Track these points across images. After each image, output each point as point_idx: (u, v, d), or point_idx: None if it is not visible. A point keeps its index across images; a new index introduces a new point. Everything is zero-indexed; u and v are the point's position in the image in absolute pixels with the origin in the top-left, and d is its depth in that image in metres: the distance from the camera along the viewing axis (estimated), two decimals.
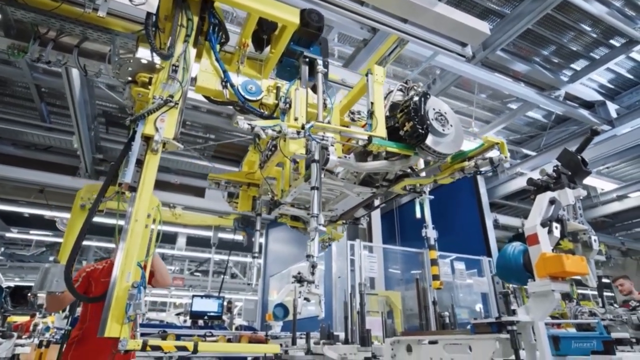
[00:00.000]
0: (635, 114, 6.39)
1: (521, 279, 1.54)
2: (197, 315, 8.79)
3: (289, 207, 3.08)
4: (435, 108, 2.28)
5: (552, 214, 1.57)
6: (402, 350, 2.05)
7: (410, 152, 2.32)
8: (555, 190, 1.68)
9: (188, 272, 20.22)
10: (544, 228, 1.53)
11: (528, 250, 1.54)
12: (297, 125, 2.21)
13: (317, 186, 2.12)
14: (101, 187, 2.46)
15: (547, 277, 1.42)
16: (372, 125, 2.32)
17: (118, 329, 1.97)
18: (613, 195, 10.15)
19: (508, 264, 1.61)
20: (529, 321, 1.45)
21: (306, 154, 2.28)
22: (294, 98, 2.48)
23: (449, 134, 2.25)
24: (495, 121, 7.69)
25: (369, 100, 2.39)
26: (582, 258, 1.42)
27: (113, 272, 2.13)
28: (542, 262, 1.44)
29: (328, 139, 2.20)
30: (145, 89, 2.50)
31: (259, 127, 2.15)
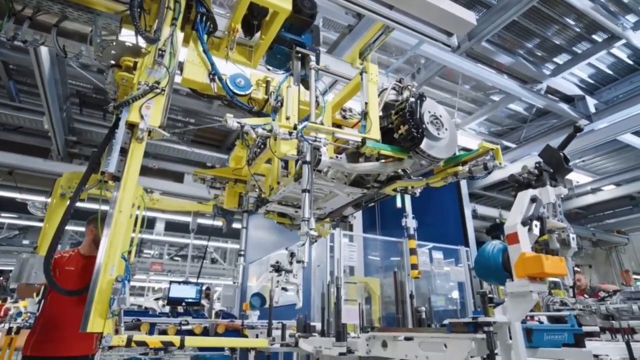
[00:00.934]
0: (613, 109, 6.50)
1: (499, 279, 1.52)
2: (175, 302, 8.69)
3: (276, 204, 3.02)
4: (431, 111, 2.24)
5: (533, 213, 1.54)
6: (377, 345, 2.03)
7: (404, 156, 2.29)
8: (537, 188, 1.65)
9: (167, 257, 19.99)
10: (525, 227, 1.50)
11: (507, 249, 1.52)
12: (289, 126, 2.14)
13: (308, 189, 2.06)
14: (83, 175, 2.38)
15: (526, 278, 1.39)
16: (365, 126, 2.26)
17: (101, 324, 1.91)
18: (588, 188, 10.42)
19: (487, 263, 1.58)
20: (505, 322, 1.43)
21: (297, 155, 2.21)
22: (286, 96, 2.39)
23: (443, 138, 2.21)
24: (478, 112, 7.72)
25: (363, 101, 2.33)
26: (561, 259, 1.39)
27: (96, 263, 2.06)
28: (521, 262, 1.42)
29: (320, 140, 2.13)
30: (130, 74, 2.40)
31: (249, 125, 2.08)
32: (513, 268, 1.45)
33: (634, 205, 11.87)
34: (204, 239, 15.75)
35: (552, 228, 1.78)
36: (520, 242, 1.45)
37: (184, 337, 2.19)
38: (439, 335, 1.63)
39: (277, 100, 2.50)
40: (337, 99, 2.78)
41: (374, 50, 4.94)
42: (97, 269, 2.02)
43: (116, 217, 2.12)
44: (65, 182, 2.93)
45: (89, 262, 3.33)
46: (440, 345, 1.66)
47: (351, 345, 2.27)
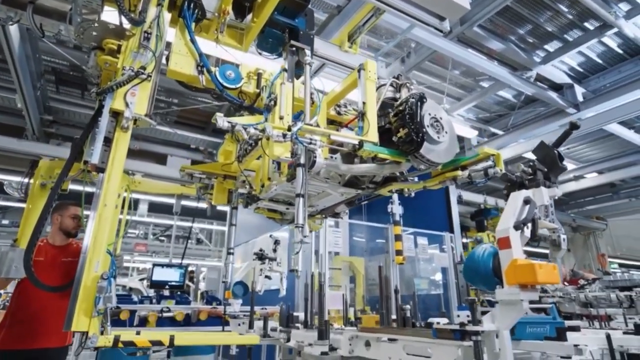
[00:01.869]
0: (600, 98, 6.50)
1: (489, 285, 1.46)
2: (158, 285, 8.59)
3: (267, 201, 2.91)
4: (431, 113, 2.14)
5: (527, 216, 1.47)
6: (360, 345, 1.98)
7: (402, 159, 2.21)
8: (530, 188, 1.58)
9: (153, 237, 19.73)
10: (517, 231, 1.44)
11: (498, 254, 1.45)
12: (284, 127, 2.02)
13: (302, 194, 1.97)
14: (64, 165, 2.25)
15: (517, 285, 1.33)
16: (363, 128, 2.16)
17: (86, 323, 1.81)
18: (570, 176, 10.55)
19: (476, 267, 1.51)
20: (493, 330, 1.38)
21: (291, 157, 2.11)
22: (279, 94, 2.24)
23: (443, 142, 2.13)
24: (467, 98, 7.64)
25: (361, 100, 2.21)
26: (554, 266, 1.33)
27: (80, 259, 1.93)
28: (512, 269, 1.35)
29: (316, 142, 2.03)
30: (113, 58, 2.24)
31: (240, 125, 1.98)
32: (504, 274, 1.39)
33: (613, 192, 12.12)
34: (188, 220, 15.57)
35: (543, 228, 1.72)
36: (513, 248, 1.39)
37: (173, 336, 2.07)
38: (424, 340, 1.58)
39: (270, 98, 2.35)
40: (332, 96, 2.66)
41: (363, 33, 4.79)
42: (81, 265, 1.90)
43: (100, 212, 2.00)
44: (45, 171, 2.78)
45: (59, 252, 3.22)
46: (425, 349, 1.61)
47: (334, 342, 2.21)
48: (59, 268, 3.13)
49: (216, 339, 2.40)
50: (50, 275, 3.02)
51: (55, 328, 3.03)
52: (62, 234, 3.26)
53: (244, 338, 2.46)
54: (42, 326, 3.01)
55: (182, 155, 8.94)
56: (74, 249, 3.31)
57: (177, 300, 8.47)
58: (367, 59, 2.34)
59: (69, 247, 3.31)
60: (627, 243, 16.01)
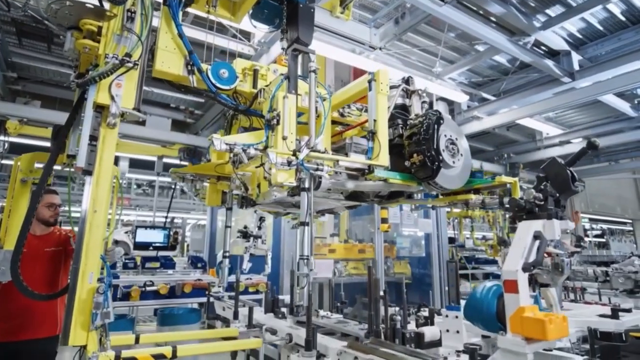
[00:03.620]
0: (597, 68, 6.30)
1: (491, 328, 1.37)
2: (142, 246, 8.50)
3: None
4: (447, 134, 1.94)
5: (537, 258, 1.35)
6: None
7: (413, 184, 2.05)
8: (541, 219, 1.45)
9: (137, 188, 19.36)
10: (525, 273, 1.32)
11: (503, 296, 1.34)
12: (288, 153, 1.82)
13: (307, 222, 1.82)
14: (47, 161, 2.09)
15: (522, 336, 1.23)
16: (372, 149, 1.95)
17: (84, 336, 1.76)
18: (556, 140, 10.56)
19: (479, 307, 1.41)
20: None
21: (295, 182, 1.93)
22: (282, 109, 1.98)
23: (457, 167, 1.94)
24: (460, 62, 7.33)
25: (371, 118, 1.97)
26: (564, 318, 1.23)
27: (72, 268, 1.84)
28: (519, 319, 1.25)
29: (323, 167, 1.85)
30: (94, 42, 1.98)
31: (240, 147, 1.82)
32: (508, 321, 1.29)
33: (594, 156, 12.26)
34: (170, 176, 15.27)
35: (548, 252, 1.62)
36: (520, 293, 1.28)
37: (176, 347, 2.07)
38: None
39: (273, 115, 2.07)
40: (335, 101, 2.40)
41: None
42: (74, 276, 1.81)
43: (90, 219, 1.86)
44: (25, 166, 2.55)
45: (41, 242, 3.06)
46: None
47: (321, 348, 2.15)
48: (42, 259, 3.01)
49: (220, 347, 2.36)
50: (34, 267, 2.92)
51: (43, 319, 2.95)
52: (42, 224, 3.08)
53: (244, 343, 2.43)
54: (30, 318, 2.91)
55: (162, 114, 8.51)
56: (56, 237, 3.16)
57: (162, 262, 8.44)
58: (379, 69, 2.07)
59: (51, 235, 3.15)
60: (599, 200, 16.59)
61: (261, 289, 5.60)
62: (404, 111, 2.22)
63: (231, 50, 5.12)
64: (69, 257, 3.13)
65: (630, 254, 5.43)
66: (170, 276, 5.79)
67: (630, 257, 4.92)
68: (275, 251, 6.03)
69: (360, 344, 1.92)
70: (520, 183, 8.85)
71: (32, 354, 2.93)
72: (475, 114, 8.27)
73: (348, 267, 7.14)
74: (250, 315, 3.08)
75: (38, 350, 2.94)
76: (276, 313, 3.38)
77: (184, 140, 8.31)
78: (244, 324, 3.11)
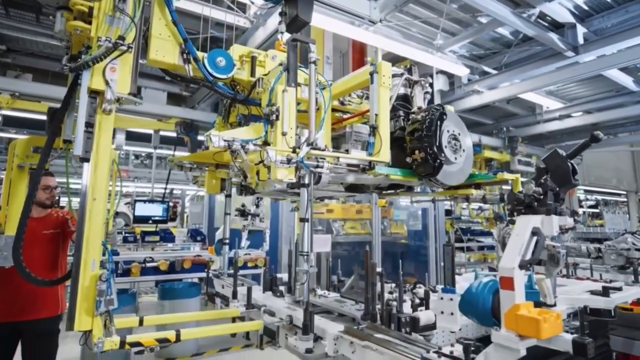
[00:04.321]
0: (602, 42, 6.15)
1: (485, 322, 1.39)
2: (141, 220, 8.57)
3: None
4: (450, 130, 1.89)
5: (535, 256, 1.35)
6: (345, 345, 1.96)
7: (414, 179, 2.04)
8: (540, 214, 1.44)
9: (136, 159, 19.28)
10: (522, 270, 1.33)
11: (498, 292, 1.35)
12: (288, 150, 1.81)
13: (307, 218, 1.82)
14: (44, 146, 2.10)
15: (516, 333, 1.26)
16: (374, 144, 1.90)
17: (89, 322, 1.82)
18: (556, 114, 10.46)
19: (474, 302, 1.43)
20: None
21: (295, 178, 1.92)
22: (282, 104, 1.94)
23: (458, 162, 1.90)
24: (462, 34, 7.13)
25: (372, 112, 1.91)
26: (558, 315, 1.25)
27: (74, 255, 1.87)
28: (513, 317, 1.27)
29: (323, 165, 1.84)
30: (85, 24, 1.93)
31: (239, 143, 1.80)
32: (502, 316, 1.31)
33: (594, 130, 12.18)
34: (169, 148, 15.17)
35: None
36: (516, 291, 1.29)
37: (179, 331, 2.12)
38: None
39: (272, 110, 2.02)
40: (335, 91, 2.34)
41: None
42: (77, 264, 1.84)
43: (90, 207, 1.87)
44: (21, 151, 2.54)
45: (39, 224, 3.07)
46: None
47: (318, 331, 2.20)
48: (41, 241, 3.04)
49: (222, 329, 2.43)
50: (33, 250, 2.94)
51: (44, 300, 3.00)
52: (38, 206, 3.08)
53: (246, 325, 2.49)
54: (32, 300, 2.97)
55: (158, 87, 8.32)
56: (54, 219, 3.17)
57: (162, 236, 8.52)
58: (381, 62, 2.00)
59: (49, 217, 3.16)
60: (596, 172, 16.67)
61: (260, 264, 5.69)
62: (406, 102, 2.17)
63: (227, 22, 4.97)
64: (67, 239, 3.15)
65: (623, 231, 5.50)
66: (170, 253, 5.85)
67: (624, 235, 4.98)
68: (274, 226, 6.08)
69: (356, 329, 1.96)
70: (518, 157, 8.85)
71: (35, 332, 3.01)
72: (476, 87, 8.14)
73: (346, 227, 7.28)
74: (249, 294, 3.14)
75: (40, 329, 3.02)
76: (274, 291, 3.44)
77: (181, 114, 8.19)
78: (242, 302, 3.18)
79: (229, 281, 3.80)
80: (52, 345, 3.07)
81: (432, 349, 1.45)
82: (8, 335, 2.94)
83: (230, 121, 2.62)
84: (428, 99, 2.24)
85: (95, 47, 1.90)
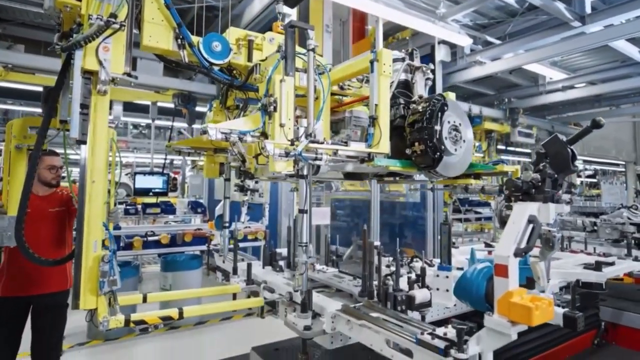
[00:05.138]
0: (610, 11, 5.96)
1: (478, 307, 1.43)
2: (142, 192, 8.61)
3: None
4: (451, 120, 1.86)
5: (530, 244, 1.37)
6: (342, 323, 2.03)
7: (413, 170, 2.04)
8: (537, 201, 1.45)
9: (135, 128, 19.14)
10: (517, 258, 1.35)
11: (492, 278, 1.39)
12: (286, 144, 1.79)
13: (306, 209, 1.82)
14: (40, 127, 2.10)
15: (507, 319, 1.30)
16: (373, 135, 1.88)
17: (93, 300, 1.88)
18: (559, 85, 10.30)
19: (468, 288, 1.47)
20: (477, 352, 1.39)
21: (293, 170, 1.92)
22: (280, 95, 1.89)
23: (458, 154, 1.88)
24: (466, 2, 6.89)
25: (372, 102, 1.87)
26: (550, 302, 1.28)
27: (77, 238, 1.92)
28: (506, 303, 1.31)
29: (322, 157, 1.82)
30: (75, 0, 1.89)
31: (236, 135, 1.79)
32: (495, 302, 1.34)
33: (595, 101, 12.04)
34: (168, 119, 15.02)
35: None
36: (509, 278, 1.32)
37: (182, 309, 2.19)
38: (407, 340, 1.59)
39: (270, 101, 1.96)
40: (334, 77, 2.28)
41: None
42: (79, 245, 1.89)
43: (89, 190, 1.89)
44: (18, 132, 2.53)
45: (45, 202, 3.12)
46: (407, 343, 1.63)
47: (316, 308, 2.26)
48: (47, 219, 3.09)
49: (223, 307, 2.51)
50: (40, 228, 3.01)
51: (52, 276, 3.07)
52: (44, 185, 3.12)
53: (246, 302, 2.56)
54: (40, 275, 3.04)
55: (153, 58, 8.10)
56: (59, 197, 3.21)
57: (163, 208, 8.58)
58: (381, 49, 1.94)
59: (54, 195, 3.20)
60: (595, 143, 16.58)
61: (260, 237, 5.77)
62: (407, 89, 2.13)
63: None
64: (72, 216, 3.19)
65: (620, 205, 5.54)
66: (171, 226, 5.92)
67: (620, 209, 5.03)
68: (274, 200, 6.12)
69: (353, 308, 2.02)
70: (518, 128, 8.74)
71: (45, 306, 3.11)
72: (478, 58, 7.96)
73: (345, 183, 7.35)
74: (249, 270, 3.20)
75: (50, 302, 3.12)
76: (274, 266, 3.51)
77: (178, 86, 8.04)
78: (243, 278, 3.25)
79: (230, 256, 3.87)
80: (61, 318, 3.18)
81: (427, 330, 1.50)
82: (19, 309, 3.04)
83: (228, 104, 2.58)
84: (429, 85, 2.20)
85: (87, 25, 1.85)
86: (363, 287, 2.37)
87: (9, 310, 2.99)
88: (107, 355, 4.65)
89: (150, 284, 7.83)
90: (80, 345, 4.85)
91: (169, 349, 4.78)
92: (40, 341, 3.08)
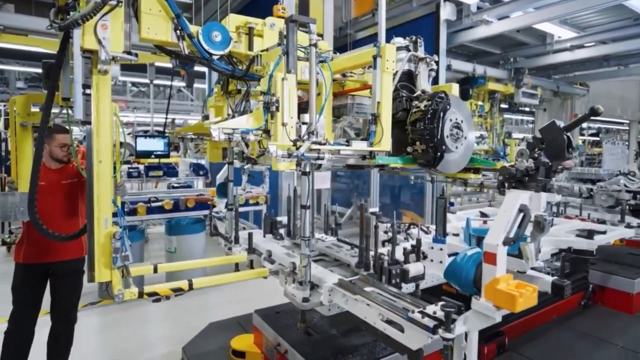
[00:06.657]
0: None
1: (466, 290, 1.50)
2: (143, 155, 8.66)
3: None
4: (453, 118, 1.82)
5: (518, 234, 1.42)
6: (338, 297, 2.13)
7: (414, 166, 2.06)
8: (529, 190, 1.49)
9: (133, 85, 18.85)
10: (505, 247, 1.41)
11: (481, 264, 1.45)
12: (288, 144, 1.79)
13: (308, 205, 1.85)
14: (44, 105, 2.12)
15: (493, 303, 1.38)
16: (375, 133, 1.87)
17: (108, 274, 1.98)
18: (567, 45, 9.97)
19: (458, 272, 1.54)
20: (464, 331, 1.48)
21: (296, 169, 1.94)
22: (281, 94, 1.86)
23: (458, 151, 1.87)
24: None
25: (374, 99, 1.84)
26: (534, 288, 1.36)
27: (87, 216, 1.99)
28: (492, 290, 1.38)
29: (324, 156, 1.82)
30: None
31: (239, 134, 1.81)
32: (483, 287, 1.42)
33: (603, 61, 11.70)
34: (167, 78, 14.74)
35: None
36: (497, 266, 1.39)
37: (192, 281, 2.32)
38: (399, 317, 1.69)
39: (272, 100, 1.92)
40: (334, 68, 2.22)
41: None
42: (90, 224, 1.97)
43: (97, 170, 1.94)
44: (21, 109, 2.57)
45: (58, 175, 3.23)
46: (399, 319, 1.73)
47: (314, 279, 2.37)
48: (61, 191, 3.22)
49: (229, 278, 2.64)
50: (54, 199, 3.16)
51: (71, 243, 3.21)
52: (54, 160, 3.21)
53: (251, 273, 2.67)
54: (56, 243, 3.15)
55: None
56: (71, 169, 3.30)
57: (165, 171, 8.66)
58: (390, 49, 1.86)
59: (66, 168, 3.30)
60: (601, 102, 16.23)
61: (261, 202, 5.87)
62: (410, 81, 2.08)
63: None
64: (84, 187, 3.28)
65: (617, 172, 5.57)
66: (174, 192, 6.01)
67: (617, 176, 5.06)
68: None
69: (349, 283, 2.12)
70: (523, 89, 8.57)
71: (63, 271, 3.31)
72: (485, 17, 7.66)
73: None
74: (250, 240, 3.31)
75: (68, 269, 3.32)
76: (275, 234, 3.62)
77: None
78: (244, 246, 3.36)
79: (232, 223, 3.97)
80: (78, 283, 3.39)
81: (417, 309, 1.59)
82: (40, 275, 3.24)
83: (230, 89, 2.55)
84: (432, 77, 2.15)
85: (84, 2, 1.80)
86: (360, 259, 2.47)
87: (31, 275, 3.19)
88: (118, 314, 4.90)
89: (156, 244, 8.08)
90: (92, 305, 5.10)
91: (177, 308, 5.03)
92: (58, 302, 3.31)
